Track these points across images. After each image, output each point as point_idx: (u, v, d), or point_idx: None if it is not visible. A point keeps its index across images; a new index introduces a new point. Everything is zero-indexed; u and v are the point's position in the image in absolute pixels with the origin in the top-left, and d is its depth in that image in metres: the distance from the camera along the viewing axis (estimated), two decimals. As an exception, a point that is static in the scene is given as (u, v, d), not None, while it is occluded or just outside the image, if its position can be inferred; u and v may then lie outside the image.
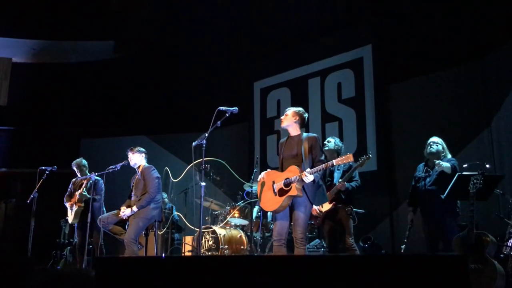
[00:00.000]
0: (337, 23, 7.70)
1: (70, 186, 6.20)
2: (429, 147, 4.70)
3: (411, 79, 6.66)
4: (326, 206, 4.71)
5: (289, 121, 4.28)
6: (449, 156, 4.68)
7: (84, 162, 6.19)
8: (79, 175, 6.12)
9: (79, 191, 5.80)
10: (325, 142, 5.01)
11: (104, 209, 5.95)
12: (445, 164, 4.46)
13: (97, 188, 5.93)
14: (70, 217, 5.93)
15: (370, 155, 4.71)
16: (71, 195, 6.06)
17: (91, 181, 5.70)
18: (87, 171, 6.15)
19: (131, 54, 10.29)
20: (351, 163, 4.67)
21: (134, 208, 5.15)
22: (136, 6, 10.26)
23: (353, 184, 4.81)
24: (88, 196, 5.77)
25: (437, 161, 4.49)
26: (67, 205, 6.00)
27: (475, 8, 6.17)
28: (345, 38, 7.40)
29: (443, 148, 4.69)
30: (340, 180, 4.69)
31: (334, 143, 4.93)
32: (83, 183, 5.89)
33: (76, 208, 5.80)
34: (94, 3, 9.97)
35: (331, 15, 7.83)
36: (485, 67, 5.94)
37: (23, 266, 2.01)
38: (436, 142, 4.70)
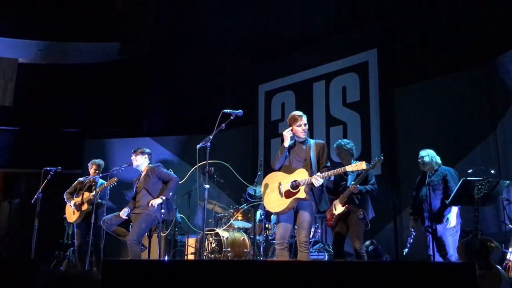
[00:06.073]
0: (342, 26, 7.69)
1: (74, 184, 6.12)
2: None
3: (416, 83, 6.64)
4: (339, 209, 4.68)
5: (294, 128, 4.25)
6: (440, 168, 4.74)
7: (103, 166, 6.19)
8: (91, 174, 6.06)
9: (92, 193, 5.70)
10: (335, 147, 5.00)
11: (105, 214, 5.90)
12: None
13: (105, 194, 5.95)
14: (73, 216, 5.86)
15: (382, 157, 4.70)
16: (73, 193, 6.00)
17: (108, 187, 5.67)
18: (99, 174, 6.07)
19: (135, 55, 10.32)
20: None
21: (162, 197, 5.09)
22: (141, 8, 10.30)
23: (368, 187, 4.73)
24: (99, 200, 5.76)
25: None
26: (70, 203, 5.90)
27: (480, 13, 6.16)
28: (350, 41, 7.39)
29: (423, 162, 4.79)
30: (353, 182, 4.67)
31: (344, 147, 4.88)
32: (92, 185, 5.84)
33: (85, 209, 5.78)
34: (100, 5, 10.02)
35: (336, 19, 7.82)
36: (490, 71, 5.92)
37: (28, 268, 2.01)
38: (418, 158, 4.81)
